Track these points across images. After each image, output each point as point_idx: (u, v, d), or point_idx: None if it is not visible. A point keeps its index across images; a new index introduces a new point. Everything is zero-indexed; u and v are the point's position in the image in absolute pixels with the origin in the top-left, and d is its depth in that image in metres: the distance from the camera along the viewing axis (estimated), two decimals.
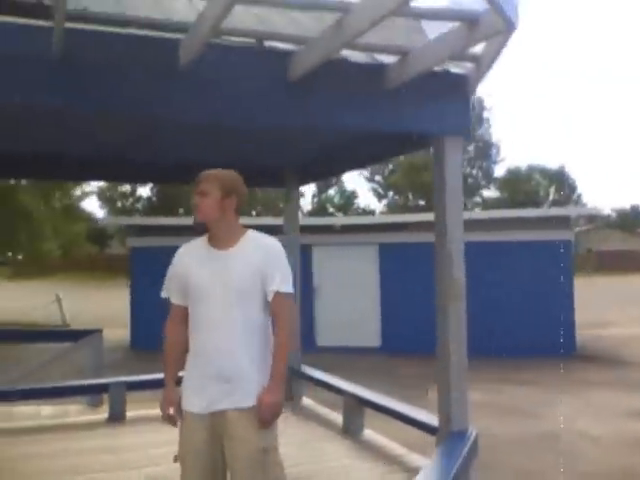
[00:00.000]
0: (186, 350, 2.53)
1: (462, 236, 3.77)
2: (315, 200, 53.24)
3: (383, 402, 4.79)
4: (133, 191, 48.26)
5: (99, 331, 7.44)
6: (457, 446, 3.57)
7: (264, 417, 2.41)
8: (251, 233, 2.61)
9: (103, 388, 5.83)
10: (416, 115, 3.69)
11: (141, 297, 13.44)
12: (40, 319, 16.82)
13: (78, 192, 22.88)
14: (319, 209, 50.91)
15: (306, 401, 6.15)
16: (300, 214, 6.57)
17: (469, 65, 3.57)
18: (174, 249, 2.70)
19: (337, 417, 5.35)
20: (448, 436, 3.69)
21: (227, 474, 2.48)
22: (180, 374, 2.61)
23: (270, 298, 2.50)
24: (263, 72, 3.24)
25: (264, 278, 2.48)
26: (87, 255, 32.34)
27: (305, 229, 12.81)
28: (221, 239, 2.54)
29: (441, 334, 3.78)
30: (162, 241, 13.12)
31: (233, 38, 3.18)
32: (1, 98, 2.74)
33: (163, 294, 2.66)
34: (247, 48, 3.24)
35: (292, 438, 5.17)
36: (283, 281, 2.50)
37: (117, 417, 5.50)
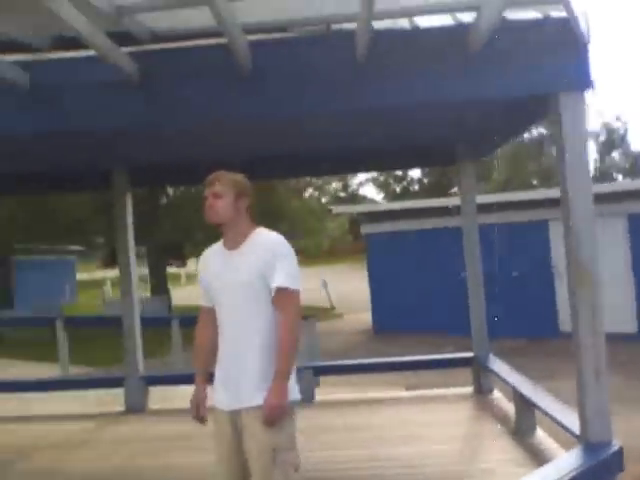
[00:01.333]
0: (216, 349, 2.60)
1: (591, 212, 3.16)
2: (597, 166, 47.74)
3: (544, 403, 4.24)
4: (404, 175, 49.29)
5: (313, 317, 7.95)
6: (589, 460, 3.03)
7: (267, 418, 2.39)
8: (259, 231, 2.59)
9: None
10: (522, 74, 3.20)
11: (378, 282, 13.88)
12: (312, 302, 18.74)
13: (356, 180, 24.19)
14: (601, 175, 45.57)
15: (496, 394, 5.77)
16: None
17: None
18: (406, 234, 2.74)
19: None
20: (584, 447, 3.15)
21: None
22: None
23: (273, 294, 2.46)
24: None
25: (269, 275, 2.46)
26: (348, 242, 34.25)
27: (536, 204, 11.87)
28: (233, 240, 2.58)
29: (574, 326, 3.24)
30: (394, 226, 13.43)
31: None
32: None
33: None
34: None
35: (461, 433, 4.96)
36: (286, 277, 2.45)
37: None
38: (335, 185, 40.15)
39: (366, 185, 36.97)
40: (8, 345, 13.59)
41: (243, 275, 2.49)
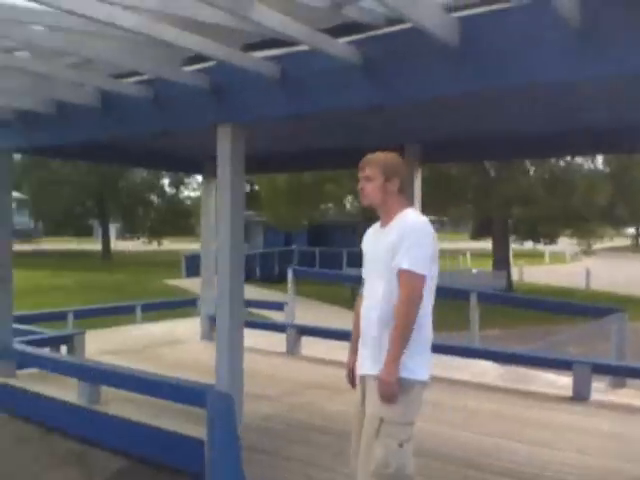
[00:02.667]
0: None
1: None
2: None
3: None
4: None
5: (621, 311, 7.14)
6: None
7: (378, 390, 2.51)
8: (405, 212, 2.66)
9: (567, 365, 5.80)
10: None
11: None
12: None
13: None
14: None
15: None
16: None
17: None
18: None
19: None
20: None
21: None
22: None
23: (396, 274, 2.51)
24: None
25: (395, 254, 2.52)
26: None
27: None
28: (384, 220, 2.73)
29: None
30: None
31: None
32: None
33: None
34: None
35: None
36: (410, 260, 2.50)
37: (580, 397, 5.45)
38: None
39: None
40: None
41: (380, 252, 2.64)
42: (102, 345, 7.38)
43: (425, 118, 5.26)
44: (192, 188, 42.10)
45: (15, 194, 43.58)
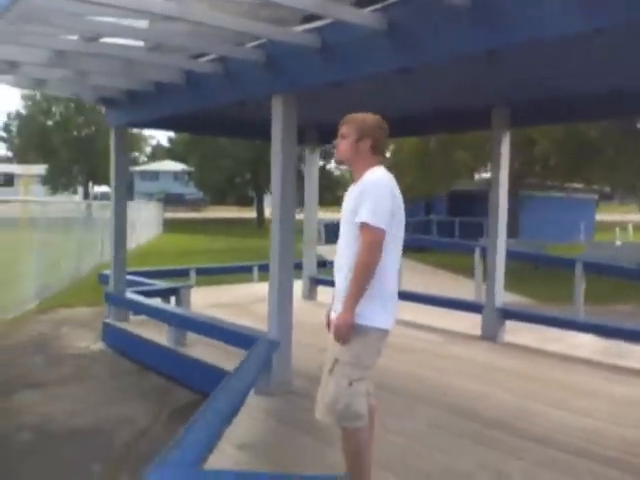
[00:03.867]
0: None
1: None
2: None
3: None
4: None
5: None
6: None
7: (333, 332, 2.72)
8: (371, 171, 2.78)
9: None
10: None
11: None
12: None
13: None
14: None
15: None
16: None
17: None
18: None
19: None
20: None
21: None
22: None
23: (358, 227, 2.70)
24: None
25: (356, 210, 2.71)
26: None
27: None
28: (355, 177, 2.86)
29: None
30: None
31: None
32: None
33: None
34: None
35: None
36: (367, 213, 2.65)
37: None
38: None
39: None
40: None
41: (346, 209, 2.83)
42: (211, 299, 8.18)
43: (510, 78, 5.12)
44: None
45: (182, 166, 47.99)
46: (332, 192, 37.46)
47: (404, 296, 7.68)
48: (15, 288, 9.50)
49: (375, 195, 2.70)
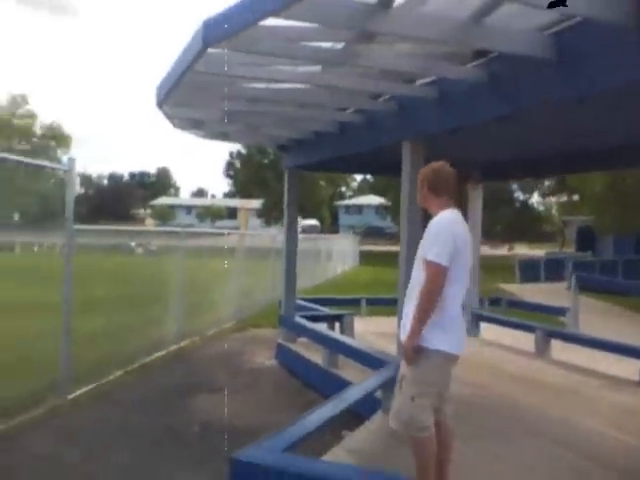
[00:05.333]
0: None
1: None
2: None
3: None
4: None
5: None
6: None
7: (402, 353, 3.14)
8: (439, 214, 3.19)
9: None
10: None
11: None
12: None
13: None
14: None
15: None
16: None
17: None
18: None
19: None
20: None
21: None
22: None
23: (424, 264, 3.11)
24: None
25: (424, 248, 3.14)
26: None
27: None
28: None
29: None
30: None
31: None
32: None
33: None
34: None
35: None
36: (429, 251, 3.06)
37: None
38: None
39: None
40: None
41: (419, 247, 3.26)
42: (374, 328, 8.73)
43: None
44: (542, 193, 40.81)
45: (382, 200, 49.21)
46: (533, 227, 36.04)
47: (571, 339, 7.59)
48: (218, 308, 10.99)
49: (437, 235, 3.11)
